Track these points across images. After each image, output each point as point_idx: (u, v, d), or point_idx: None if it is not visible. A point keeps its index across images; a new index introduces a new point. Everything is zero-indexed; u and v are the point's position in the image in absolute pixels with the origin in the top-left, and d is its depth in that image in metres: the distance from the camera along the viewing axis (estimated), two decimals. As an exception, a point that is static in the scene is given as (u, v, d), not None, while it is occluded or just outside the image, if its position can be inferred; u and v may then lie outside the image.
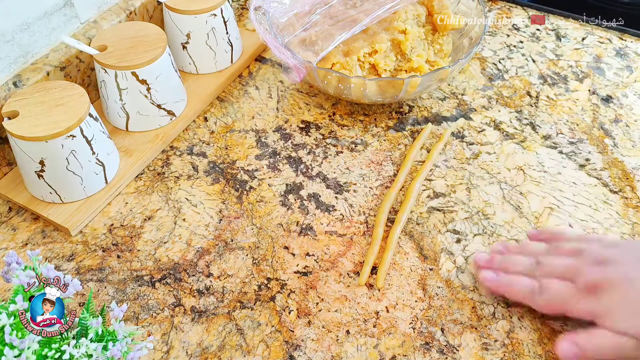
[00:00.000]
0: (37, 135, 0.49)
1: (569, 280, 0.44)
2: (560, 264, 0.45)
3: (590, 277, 0.43)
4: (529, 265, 0.46)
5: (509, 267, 0.47)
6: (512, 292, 0.46)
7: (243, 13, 0.79)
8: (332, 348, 0.45)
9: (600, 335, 0.42)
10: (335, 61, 0.60)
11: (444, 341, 0.46)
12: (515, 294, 0.46)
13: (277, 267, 0.51)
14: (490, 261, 0.48)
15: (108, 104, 0.60)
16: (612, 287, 0.42)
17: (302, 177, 0.58)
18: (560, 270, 0.45)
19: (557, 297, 0.44)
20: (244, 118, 0.65)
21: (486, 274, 0.47)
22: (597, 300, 0.42)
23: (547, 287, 0.44)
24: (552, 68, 0.70)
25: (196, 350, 0.45)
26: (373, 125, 0.64)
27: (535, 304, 0.45)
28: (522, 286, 0.46)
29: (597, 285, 0.42)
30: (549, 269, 0.45)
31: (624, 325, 0.41)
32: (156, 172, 0.59)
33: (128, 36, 0.59)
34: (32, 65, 0.57)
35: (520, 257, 0.47)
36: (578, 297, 0.43)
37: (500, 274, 0.47)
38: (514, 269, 0.47)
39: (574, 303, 0.43)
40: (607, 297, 0.42)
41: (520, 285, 0.46)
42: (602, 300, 0.42)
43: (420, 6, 0.65)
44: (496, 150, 0.61)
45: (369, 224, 0.54)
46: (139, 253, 0.52)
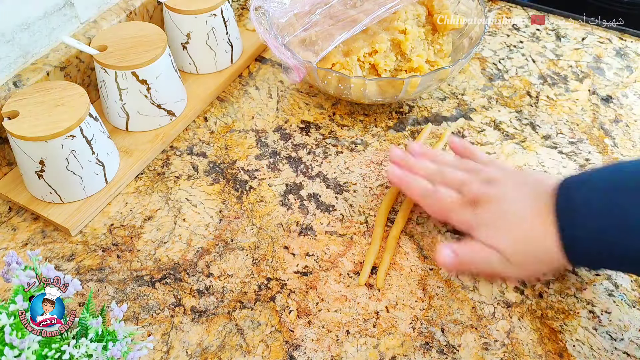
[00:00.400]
0: (37, 135, 0.49)
1: (458, 192, 0.48)
2: (455, 176, 0.49)
3: (475, 192, 0.47)
4: (432, 171, 0.51)
5: (415, 168, 0.52)
6: (409, 190, 0.51)
7: (243, 13, 0.79)
8: (332, 348, 0.45)
9: (473, 245, 0.47)
10: (335, 61, 0.60)
11: (444, 341, 0.46)
12: (410, 192, 0.51)
13: (277, 267, 0.51)
14: (402, 158, 0.53)
15: (108, 104, 0.60)
16: (488, 204, 0.46)
17: (302, 177, 0.58)
18: (454, 182, 0.49)
19: (444, 203, 0.49)
20: (244, 118, 0.65)
21: (393, 169, 0.52)
22: (474, 213, 0.47)
23: (438, 191, 0.49)
24: (552, 68, 0.70)
25: (196, 350, 0.45)
26: (373, 125, 0.64)
27: (425, 205, 0.51)
28: (418, 187, 0.50)
29: (477, 200, 0.47)
30: (446, 178, 0.50)
31: (491, 239, 0.46)
32: (156, 172, 0.59)
33: (128, 36, 0.59)
34: (32, 65, 0.57)
35: (427, 163, 0.52)
36: (460, 207, 0.48)
37: (405, 171, 0.52)
38: (417, 171, 0.52)
39: (456, 211, 0.48)
40: (481, 211, 0.47)
41: (417, 186, 0.51)
42: (478, 213, 0.47)
43: (420, 6, 0.65)
44: (496, 150, 0.61)
45: (369, 224, 0.54)
46: (139, 253, 0.52)
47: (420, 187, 0.50)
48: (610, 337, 0.46)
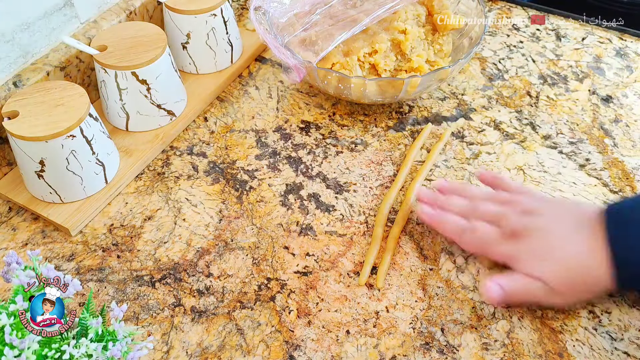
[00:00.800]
0: (37, 135, 0.49)
1: (496, 225, 0.48)
2: (491, 210, 0.49)
3: (514, 224, 0.47)
4: (464, 207, 0.51)
5: (446, 206, 0.51)
6: (444, 228, 0.50)
7: (243, 13, 0.79)
8: (332, 348, 0.45)
9: (517, 277, 0.46)
10: (335, 61, 0.60)
11: (444, 341, 0.46)
12: (446, 230, 0.50)
13: (277, 267, 0.51)
14: (431, 197, 0.52)
15: (108, 104, 0.60)
16: (529, 236, 0.46)
17: (302, 177, 0.58)
18: (490, 215, 0.49)
19: (483, 238, 0.48)
20: (244, 118, 0.65)
21: (424, 208, 0.51)
22: (515, 245, 0.47)
23: (475, 227, 0.48)
24: (552, 68, 0.70)
25: (196, 350, 0.45)
26: (373, 125, 0.64)
27: (463, 242, 0.50)
28: (453, 224, 0.50)
29: (518, 232, 0.47)
30: (481, 213, 0.49)
31: (535, 270, 0.45)
32: (156, 172, 0.59)
33: (128, 36, 0.59)
34: (32, 65, 0.57)
35: (458, 199, 0.51)
36: (500, 240, 0.47)
37: (437, 209, 0.51)
38: (449, 208, 0.51)
39: (495, 245, 0.48)
40: (523, 244, 0.46)
41: (452, 223, 0.50)
42: (519, 245, 0.46)
43: (420, 6, 0.65)
44: (496, 150, 0.61)
45: (369, 224, 0.54)
46: (139, 253, 0.52)
47: (455, 225, 0.49)
48: (610, 337, 0.46)
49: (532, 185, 0.57)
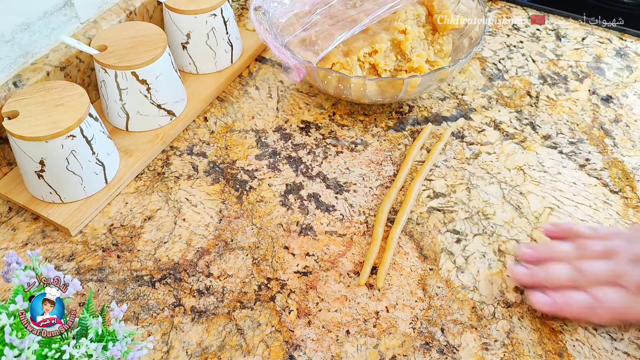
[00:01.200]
0: (37, 135, 0.49)
1: (615, 285, 0.44)
2: (601, 270, 0.45)
3: (637, 278, 0.44)
4: (570, 275, 0.46)
5: (553, 281, 0.46)
6: (570, 312, 0.46)
7: (243, 13, 0.79)
8: (332, 348, 0.45)
9: None
10: (335, 61, 0.60)
11: (444, 341, 0.46)
12: (572, 313, 0.46)
13: (277, 267, 0.51)
14: (532, 276, 0.47)
15: (108, 104, 0.60)
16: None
17: (302, 177, 0.58)
18: (604, 277, 0.45)
19: (617, 306, 0.44)
20: (244, 118, 0.65)
21: (539, 298, 0.46)
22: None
23: (601, 298, 0.44)
24: (552, 68, 0.70)
25: (196, 350, 0.45)
26: (373, 125, 0.64)
27: (597, 317, 0.46)
28: (579, 303, 0.45)
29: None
30: (593, 276, 0.45)
31: None
32: (156, 172, 0.59)
33: (128, 36, 0.59)
34: (32, 65, 0.57)
35: (558, 267, 0.47)
36: (632, 301, 0.44)
37: (550, 294, 0.46)
38: (558, 282, 0.46)
39: (631, 308, 0.44)
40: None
41: (578, 302, 0.45)
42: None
43: (420, 6, 0.65)
44: (496, 150, 0.61)
45: (369, 224, 0.54)
46: (139, 253, 0.52)
47: (581, 303, 0.45)
48: (610, 337, 0.46)
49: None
